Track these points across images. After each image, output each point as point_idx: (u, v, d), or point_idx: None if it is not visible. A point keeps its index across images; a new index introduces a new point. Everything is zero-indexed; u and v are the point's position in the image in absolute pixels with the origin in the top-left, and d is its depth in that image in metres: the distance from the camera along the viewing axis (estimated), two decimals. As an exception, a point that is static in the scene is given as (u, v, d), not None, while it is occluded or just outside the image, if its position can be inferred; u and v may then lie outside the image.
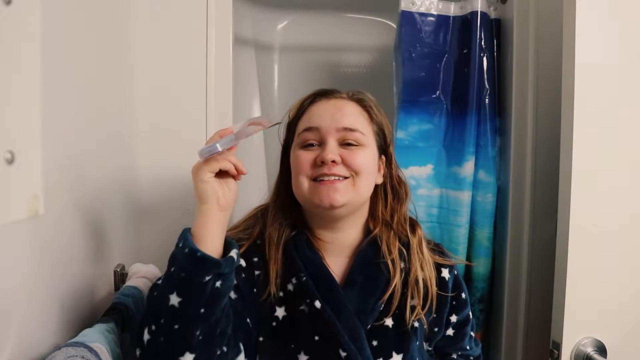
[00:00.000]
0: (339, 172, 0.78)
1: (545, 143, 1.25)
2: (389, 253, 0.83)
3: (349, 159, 0.79)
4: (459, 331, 0.90)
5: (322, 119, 0.81)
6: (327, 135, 0.80)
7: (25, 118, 0.43)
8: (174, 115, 1.22)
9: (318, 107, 0.84)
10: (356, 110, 0.84)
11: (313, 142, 0.81)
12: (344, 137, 0.80)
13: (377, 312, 0.80)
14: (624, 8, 0.92)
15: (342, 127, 0.80)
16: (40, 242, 0.71)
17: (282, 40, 1.79)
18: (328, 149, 0.79)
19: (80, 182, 0.87)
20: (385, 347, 0.80)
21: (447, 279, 0.87)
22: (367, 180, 0.81)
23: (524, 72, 1.26)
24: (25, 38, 0.43)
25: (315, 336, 0.78)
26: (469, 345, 0.92)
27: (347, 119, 0.81)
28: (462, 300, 0.89)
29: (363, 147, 0.81)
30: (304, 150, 0.82)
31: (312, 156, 0.80)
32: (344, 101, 0.85)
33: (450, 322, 0.88)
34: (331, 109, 0.82)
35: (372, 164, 0.83)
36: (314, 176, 0.79)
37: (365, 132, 0.82)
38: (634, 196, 0.94)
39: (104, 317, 0.81)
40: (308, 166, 0.80)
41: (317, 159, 0.79)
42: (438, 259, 0.88)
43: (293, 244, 0.83)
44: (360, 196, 0.82)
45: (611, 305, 0.94)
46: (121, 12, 1.11)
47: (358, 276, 0.82)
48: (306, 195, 0.81)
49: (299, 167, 0.81)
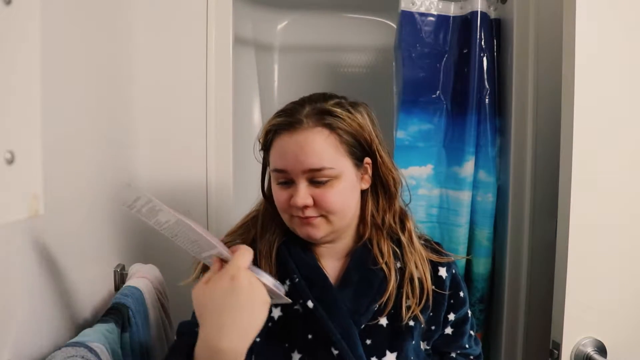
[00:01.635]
0: (312, 214, 0.79)
1: (545, 143, 1.25)
2: (381, 256, 0.83)
3: (319, 200, 0.78)
4: (458, 330, 0.90)
5: (286, 161, 0.78)
6: (295, 177, 0.78)
7: (25, 118, 0.43)
8: (174, 116, 1.23)
9: (280, 144, 0.80)
10: (320, 140, 0.78)
11: (285, 180, 0.80)
12: (312, 177, 0.78)
13: (371, 313, 0.81)
14: (624, 8, 0.92)
15: (308, 169, 0.77)
16: (40, 242, 0.71)
17: (282, 40, 1.79)
18: (298, 194, 0.78)
19: (81, 182, 0.87)
20: (379, 345, 0.80)
21: (444, 277, 0.87)
22: (342, 214, 0.81)
23: (524, 72, 1.26)
24: (25, 38, 0.43)
25: (308, 335, 0.79)
26: (468, 344, 0.91)
27: (310, 159, 0.77)
28: (460, 298, 0.89)
29: (335, 180, 0.78)
30: (279, 187, 0.81)
31: (287, 196, 0.79)
32: (306, 134, 0.78)
33: (448, 320, 0.88)
34: (294, 148, 0.78)
35: (347, 195, 0.81)
36: (291, 214, 0.80)
37: (334, 161, 0.78)
38: (634, 196, 0.94)
39: (104, 317, 0.82)
40: (285, 205, 0.80)
41: (290, 201, 0.79)
42: (433, 256, 0.88)
43: (286, 248, 0.84)
44: (339, 226, 0.82)
45: (611, 305, 0.94)
46: (121, 12, 1.11)
47: (352, 278, 0.83)
48: (290, 226, 0.83)
49: (278, 205, 0.82)
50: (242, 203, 1.00)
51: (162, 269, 1.08)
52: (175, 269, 1.02)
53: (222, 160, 1.25)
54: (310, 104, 0.81)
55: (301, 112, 0.80)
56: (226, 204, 1.27)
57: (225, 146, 1.25)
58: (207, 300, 0.62)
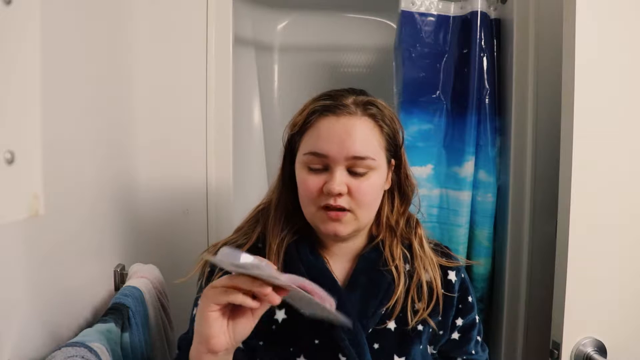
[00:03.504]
0: (344, 204, 0.76)
1: (545, 143, 1.25)
2: (392, 259, 0.82)
3: (355, 190, 0.76)
4: (465, 335, 0.88)
5: (330, 145, 0.75)
6: (334, 164, 0.75)
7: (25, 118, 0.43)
8: (174, 116, 1.23)
9: (326, 126, 0.76)
10: (367, 130, 0.77)
11: (319, 167, 0.77)
12: (353, 165, 0.76)
13: (379, 317, 0.80)
14: (623, 8, 0.92)
15: (352, 156, 0.75)
16: (41, 242, 0.71)
17: (282, 40, 1.79)
18: (335, 180, 0.75)
19: (81, 182, 0.87)
20: (387, 350, 0.79)
21: (453, 282, 0.86)
22: (370, 210, 0.80)
23: (524, 72, 1.26)
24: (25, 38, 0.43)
25: (315, 340, 0.78)
26: (474, 350, 0.89)
27: (357, 146, 0.75)
28: (468, 303, 0.87)
29: (371, 172, 0.77)
30: (310, 174, 0.77)
31: (319, 183, 0.76)
32: (354, 120, 0.76)
33: (455, 325, 0.86)
34: (340, 133, 0.75)
35: (378, 190, 0.80)
36: (320, 204, 0.77)
37: (376, 153, 0.77)
38: (634, 196, 0.94)
39: (104, 317, 0.82)
40: (315, 194, 0.77)
41: (323, 188, 0.76)
42: (443, 261, 0.86)
43: (295, 248, 0.82)
44: (365, 223, 0.81)
45: (611, 305, 0.94)
46: (121, 12, 1.11)
47: (360, 280, 0.81)
48: (313, 220, 0.80)
49: (305, 193, 0.78)
50: (242, 203, 1.00)
51: (162, 269, 1.08)
52: (175, 269, 1.02)
53: (222, 160, 1.25)
54: (353, 94, 0.81)
55: (347, 98, 0.79)
56: (226, 204, 1.26)
57: (225, 146, 1.25)
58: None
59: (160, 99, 1.21)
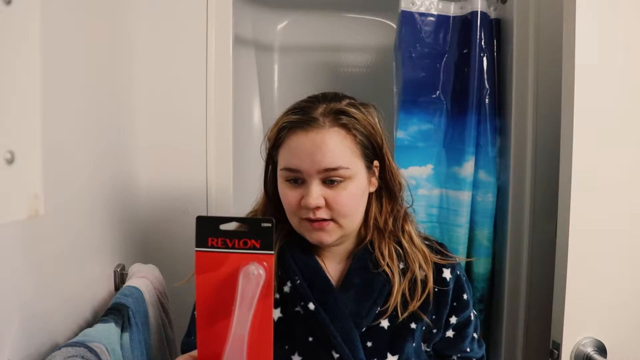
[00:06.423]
0: (323, 216, 0.77)
1: (545, 143, 1.25)
2: (382, 259, 0.82)
3: (332, 202, 0.77)
4: (459, 333, 0.88)
5: (301, 160, 0.76)
6: (309, 177, 0.77)
7: (25, 118, 0.43)
8: (174, 116, 1.23)
9: (295, 142, 0.77)
10: (337, 141, 0.77)
11: (296, 180, 0.78)
12: (327, 176, 0.76)
13: (372, 316, 0.80)
14: (624, 8, 0.92)
15: (324, 168, 0.76)
16: (40, 242, 0.71)
17: (282, 40, 1.79)
18: (310, 195, 0.76)
19: (81, 182, 0.87)
20: (380, 348, 0.80)
21: (448, 279, 0.86)
22: (353, 217, 0.80)
23: (524, 72, 1.26)
24: (25, 38, 0.43)
25: (309, 337, 0.79)
26: (469, 347, 0.90)
27: (328, 159, 0.76)
28: (463, 301, 0.87)
29: (348, 181, 0.77)
30: (289, 188, 0.79)
31: (297, 197, 0.78)
32: (323, 133, 0.76)
33: (449, 323, 0.87)
34: (310, 148, 0.76)
35: (358, 197, 0.81)
36: (301, 216, 0.79)
37: (350, 162, 0.78)
38: (634, 196, 0.94)
39: (104, 317, 0.81)
40: (295, 207, 0.78)
41: (301, 202, 0.77)
42: (437, 258, 0.86)
43: (288, 249, 0.84)
44: (350, 230, 0.82)
45: (611, 306, 0.94)
46: (121, 13, 1.11)
47: (354, 280, 0.82)
48: (299, 229, 0.82)
49: (287, 207, 0.80)
50: (242, 203, 1.00)
51: (162, 269, 1.08)
52: (175, 269, 1.02)
53: (222, 161, 1.25)
54: (324, 102, 0.80)
55: (316, 110, 0.79)
56: (226, 205, 1.26)
57: (225, 146, 1.25)
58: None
59: (160, 99, 1.21)
